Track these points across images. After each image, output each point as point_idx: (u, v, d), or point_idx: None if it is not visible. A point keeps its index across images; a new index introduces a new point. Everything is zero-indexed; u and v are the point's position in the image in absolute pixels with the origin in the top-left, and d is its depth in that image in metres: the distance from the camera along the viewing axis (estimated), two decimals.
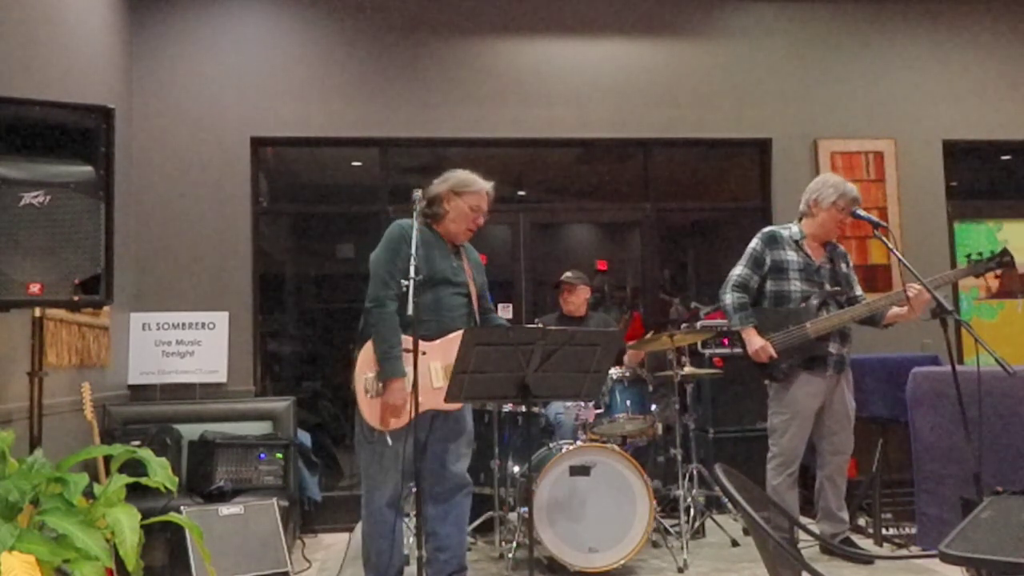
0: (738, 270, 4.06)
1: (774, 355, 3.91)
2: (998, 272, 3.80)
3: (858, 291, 4.13)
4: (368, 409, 3.17)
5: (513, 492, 4.24)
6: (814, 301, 3.95)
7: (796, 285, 3.98)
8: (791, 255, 4.02)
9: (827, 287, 4.01)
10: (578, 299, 4.80)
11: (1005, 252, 3.71)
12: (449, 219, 3.32)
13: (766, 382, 4.05)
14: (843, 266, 4.12)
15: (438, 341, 3.19)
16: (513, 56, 5.60)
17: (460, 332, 3.12)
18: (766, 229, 4.15)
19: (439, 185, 3.36)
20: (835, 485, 4.02)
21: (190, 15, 5.31)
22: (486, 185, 3.37)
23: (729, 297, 4.02)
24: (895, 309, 3.92)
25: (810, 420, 3.97)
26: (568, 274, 4.86)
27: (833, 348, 3.95)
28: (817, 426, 4.02)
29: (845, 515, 4.05)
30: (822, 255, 4.08)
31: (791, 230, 4.10)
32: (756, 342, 3.94)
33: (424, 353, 3.12)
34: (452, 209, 3.31)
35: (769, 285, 4.02)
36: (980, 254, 3.80)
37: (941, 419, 3.91)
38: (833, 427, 4.00)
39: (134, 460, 2.63)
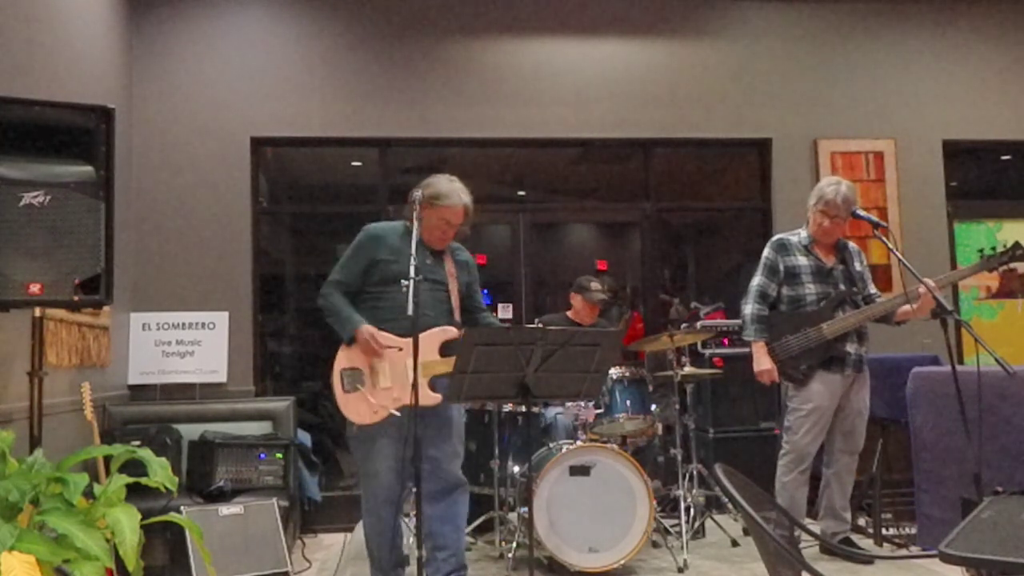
0: (756, 280, 4.11)
1: (776, 379, 3.99)
2: (1010, 266, 3.79)
3: (872, 289, 4.14)
4: (344, 403, 3.23)
5: (513, 492, 4.24)
6: (829, 303, 3.98)
7: (810, 288, 4.02)
8: (801, 260, 4.06)
9: (842, 287, 4.03)
10: (595, 312, 4.81)
11: (1018, 245, 3.71)
12: (423, 226, 3.32)
13: (785, 383, 4.07)
14: (857, 265, 4.13)
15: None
16: (513, 56, 5.60)
17: (437, 329, 3.23)
18: (775, 237, 4.19)
19: (418, 191, 3.34)
20: (842, 483, 4.03)
21: (190, 15, 5.31)
22: (461, 200, 3.30)
23: (750, 307, 4.08)
24: (904, 307, 3.92)
25: (826, 419, 3.98)
26: (596, 286, 4.80)
27: (851, 348, 3.97)
28: (830, 424, 4.03)
29: (848, 515, 4.05)
30: (833, 257, 4.10)
31: (800, 235, 4.14)
32: (764, 363, 3.99)
33: (400, 349, 3.15)
34: (425, 218, 3.30)
35: (785, 291, 4.06)
36: (993, 249, 3.80)
37: (941, 419, 3.91)
38: (846, 425, 4.02)
39: (134, 460, 2.63)
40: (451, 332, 3.25)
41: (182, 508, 3.55)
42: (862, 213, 3.94)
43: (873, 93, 5.83)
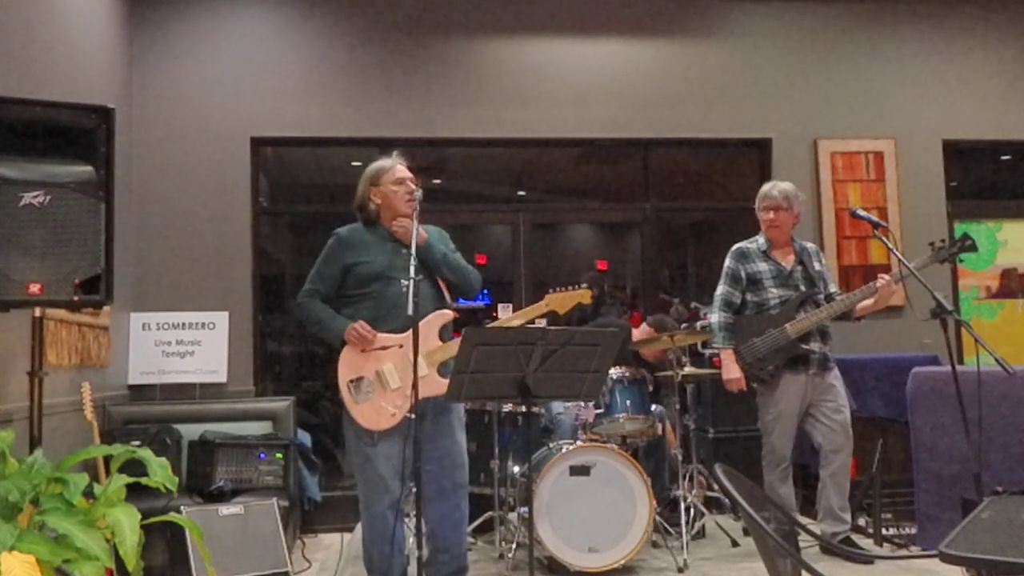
0: (720, 289, 4.23)
1: (743, 388, 4.10)
2: (960, 257, 3.91)
3: (832, 287, 4.25)
4: (359, 413, 3.18)
5: (513, 492, 4.24)
6: (791, 303, 4.07)
7: (773, 292, 4.13)
8: (762, 265, 4.18)
9: (803, 289, 4.13)
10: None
11: (966, 236, 3.83)
12: (383, 209, 3.34)
13: (754, 384, 4.15)
14: (816, 265, 4.23)
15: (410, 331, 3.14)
16: (513, 56, 5.60)
17: (432, 315, 3.21)
18: (735, 246, 4.29)
19: (359, 189, 3.41)
20: (838, 484, 4.04)
21: (190, 15, 5.31)
22: (394, 160, 3.42)
23: (716, 316, 4.20)
24: (864, 302, 4.03)
25: (794, 419, 4.07)
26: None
27: (815, 346, 4.06)
28: (813, 426, 4.10)
29: (847, 515, 4.05)
30: (792, 259, 4.20)
31: (758, 242, 4.26)
32: (732, 371, 4.10)
33: (401, 346, 3.12)
34: (380, 198, 3.34)
35: (749, 297, 4.18)
36: (943, 241, 3.92)
37: (941, 419, 3.91)
38: (829, 424, 4.06)
39: (134, 460, 2.63)
40: (447, 315, 3.25)
41: (182, 508, 3.54)
42: (862, 213, 3.93)
43: (873, 93, 5.83)
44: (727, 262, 4.25)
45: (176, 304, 5.05)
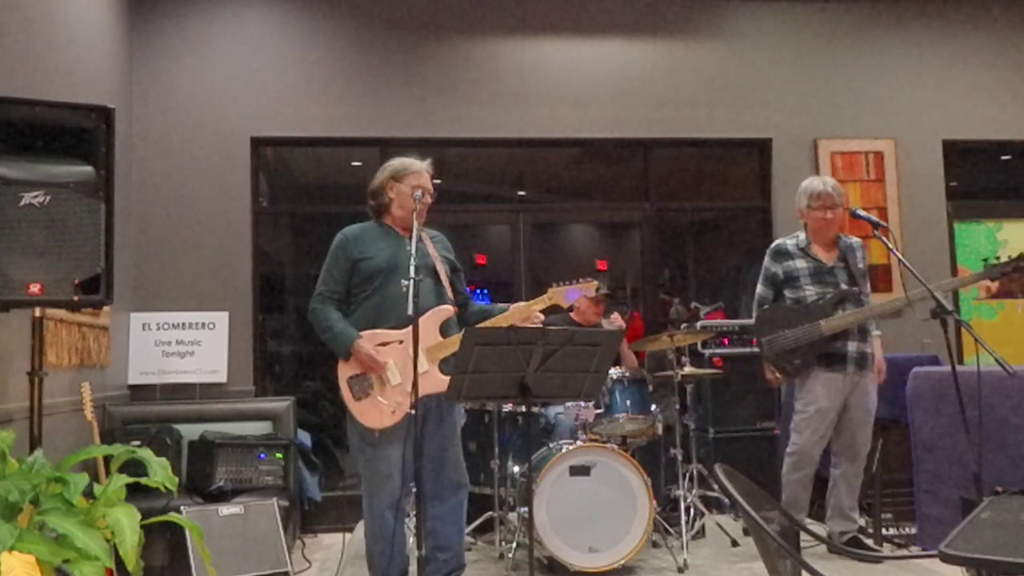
0: (759, 289, 4.21)
1: (781, 382, 4.10)
2: (1012, 275, 3.84)
3: (866, 289, 4.17)
4: (359, 411, 3.19)
5: (513, 492, 4.24)
6: (831, 300, 3.99)
7: (810, 290, 4.05)
8: (799, 263, 4.10)
9: (843, 286, 4.04)
10: (600, 311, 4.79)
11: (1022, 257, 3.72)
12: (395, 205, 3.35)
13: (789, 383, 4.12)
14: (860, 263, 4.15)
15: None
16: (513, 56, 5.60)
17: (432, 311, 3.20)
18: (773, 244, 4.24)
19: (379, 176, 3.40)
20: (850, 485, 4.03)
21: (190, 15, 5.31)
22: (423, 164, 3.39)
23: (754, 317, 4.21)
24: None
25: (830, 419, 3.98)
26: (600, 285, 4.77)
27: (852, 346, 3.98)
28: (835, 425, 4.03)
29: (856, 514, 4.06)
30: (834, 255, 4.12)
31: (798, 238, 4.18)
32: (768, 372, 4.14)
33: (401, 342, 3.12)
34: (396, 195, 3.34)
35: (787, 293, 4.12)
36: (998, 258, 3.83)
37: (941, 419, 3.91)
38: (852, 427, 4.01)
39: (134, 460, 2.63)
40: (447, 310, 3.24)
41: (182, 508, 3.55)
42: (862, 213, 3.93)
43: (873, 93, 5.83)
44: (765, 260, 4.21)
45: (176, 304, 5.05)
